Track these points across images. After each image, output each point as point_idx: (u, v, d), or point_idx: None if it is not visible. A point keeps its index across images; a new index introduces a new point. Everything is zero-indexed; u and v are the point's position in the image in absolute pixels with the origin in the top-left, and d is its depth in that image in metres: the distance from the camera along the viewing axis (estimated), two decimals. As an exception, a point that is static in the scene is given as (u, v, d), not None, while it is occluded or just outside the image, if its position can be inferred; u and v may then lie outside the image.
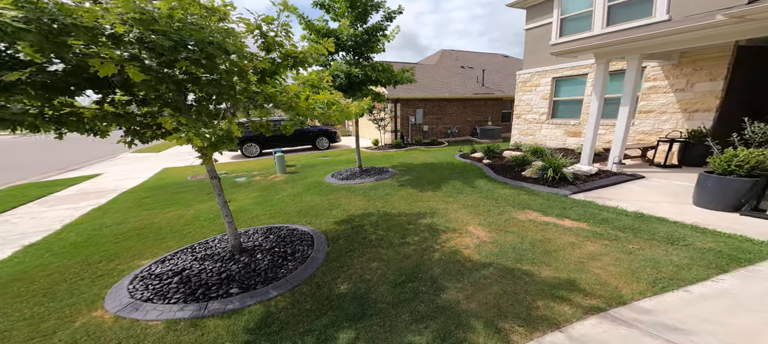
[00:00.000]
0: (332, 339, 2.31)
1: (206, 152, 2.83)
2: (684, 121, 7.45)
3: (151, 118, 2.61)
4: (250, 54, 2.74)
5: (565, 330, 2.20)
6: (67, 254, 3.97)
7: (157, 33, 1.86)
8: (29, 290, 3.13)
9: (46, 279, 3.32)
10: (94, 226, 5.03)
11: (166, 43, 1.85)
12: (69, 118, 2.26)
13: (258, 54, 2.88)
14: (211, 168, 3.36)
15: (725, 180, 4.41)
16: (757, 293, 2.48)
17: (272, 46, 2.86)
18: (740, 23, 4.79)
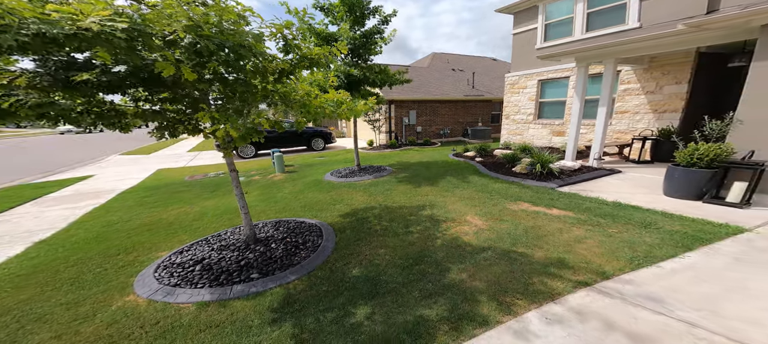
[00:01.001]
0: (350, 314, 2.52)
1: (229, 145, 3.00)
2: (655, 121, 7.99)
3: (183, 114, 2.75)
4: (271, 55, 2.93)
5: (558, 301, 2.48)
6: (83, 248, 4.01)
7: (203, 37, 2.03)
8: (56, 279, 3.21)
9: (70, 270, 3.39)
10: (102, 223, 5.04)
11: (211, 47, 2.03)
12: (108, 113, 2.38)
13: (276, 56, 3.06)
14: (231, 161, 3.51)
15: (689, 171, 4.86)
16: (716, 267, 2.84)
17: (291, 48, 3.04)
18: (698, 32, 5.28)
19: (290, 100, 3.54)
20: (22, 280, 3.26)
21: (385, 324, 2.35)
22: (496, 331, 2.19)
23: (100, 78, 1.91)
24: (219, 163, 11.60)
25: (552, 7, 9.54)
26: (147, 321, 2.47)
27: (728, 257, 2.96)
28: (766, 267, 2.78)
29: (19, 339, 2.36)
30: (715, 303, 2.35)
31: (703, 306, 2.33)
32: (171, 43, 1.99)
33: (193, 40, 1.98)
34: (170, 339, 2.28)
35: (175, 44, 2.02)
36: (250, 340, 2.26)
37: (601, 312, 2.32)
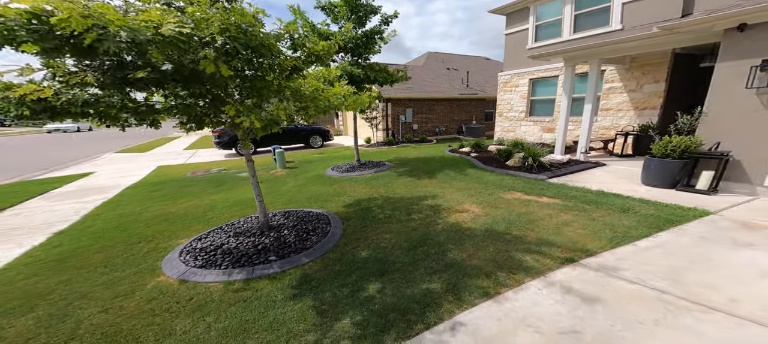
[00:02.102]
0: (363, 289, 2.76)
1: (248, 136, 3.22)
2: (636, 117, 8.41)
3: (209, 108, 2.95)
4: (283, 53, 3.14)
5: (548, 275, 2.77)
6: (105, 237, 4.17)
7: (231, 39, 2.24)
8: (88, 264, 3.38)
9: (98, 256, 3.56)
10: (116, 215, 5.17)
11: (238, 46, 2.24)
12: (142, 109, 2.58)
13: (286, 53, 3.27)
14: (248, 152, 3.71)
15: (664, 162, 5.24)
16: (683, 244, 3.18)
17: (299, 46, 3.25)
18: (671, 35, 5.66)
19: (301, 95, 3.75)
20: (55, 265, 3.42)
21: (395, 297, 2.61)
22: (495, 300, 2.47)
23: (150, 76, 2.11)
24: (218, 160, 11.66)
25: (542, 8, 9.87)
26: (182, 298, 2.68)
27: (694, 236, 3.31)
28: (726, 243, 3.13)
29: (70, 312, 2.55)
30: (681, 274, 2.67)
31: (671, 276, 2.64)
32: (206, 43, 2.20)
33: (224, 41, 2.18)
34: (205, 311, 2.50)
35: (209, 45, 2.23)
36: (276, 312, 2.49)
37: (585, 282, 2.62)
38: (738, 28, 4.84)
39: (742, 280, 2.52)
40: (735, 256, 2.87)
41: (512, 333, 2.09)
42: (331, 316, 2.42)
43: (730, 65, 4.96)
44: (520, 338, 2.04)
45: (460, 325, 2.22)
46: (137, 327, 2.36)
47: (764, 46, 4.58)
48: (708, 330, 1.99)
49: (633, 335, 2.00)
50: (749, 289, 2.40)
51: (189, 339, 2.22)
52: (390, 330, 2.21)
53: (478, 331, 2.14)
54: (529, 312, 2.29)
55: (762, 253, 2.88)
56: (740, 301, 2.25)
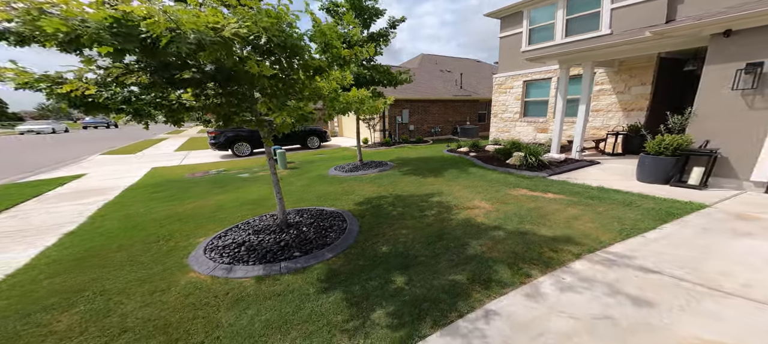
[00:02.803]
0: (390, 281, 2.80)
1: (270, 134, 3.25)
2: (624, 118, 8.75)
3: (238, 106, 2.95)
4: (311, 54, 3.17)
5: (569, 265, 2.86)
6: (120, 237, 4.08)
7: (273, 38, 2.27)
8: (111, 263, 3.32)
9: (118, 255, 3.50)
10: (123, 216, 5.05)
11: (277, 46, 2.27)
12: (176, 107, 2.57)
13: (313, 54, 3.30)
14: (269, 149, 3.72)
15: (658, 159, 5.50)
16: (688, 235, 3.34)
17: (329, 47, 3.29)
18: (662, 39, 5.96)
19: (321, 96, 3.79)
20: (76, 264, 3.35)
21: (424, 288, 2.67)
22: (522, 289, 2.55)
23: (194, 76, 2.13)
24: (215, 162, 11.43)
25: (535, 13, 10.16)
26: (218, 292, 2.68)
27: (697, 227, 3.50)
28: (726, 233, 3.32)
29: (112, 307, 2.55)
30: (693, 263, 2.81)
31: (685, 265, 2.77)
32: (252, 44, 2.23)
33: (267, 40, 2.21)
34: (244, 305, 2.51)
35: (255, 45, 2.27)
36: (311, 304, 2.52)
37: (606, 272, 2.73)
38: (724, 34, 5.14)
39: (750, 267, 2.67)
40: (737, 245, 3.04)
41: (546, 318, 2.17)
42: (365, 307, 2.46)
43: (717, 68, 5.26)
44: (554, 324, 2.12)
45: (492, 313, 2.29)
46: (184, 319, 2.37)
47: (748, 51, 4.88)
48: (730, 314, 2.12)
49: (663, 320, 2.11)
50: (758, 275, 2.55)
51: (237, 331, 2.24)
52: (425, 319, 2.27)
53: (511, 318, 2.21)
54: (557, 300, 2.38)
55: (762, 242, 3.06)
56: (753, 286, 2.39)
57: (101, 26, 1.66)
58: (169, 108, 2.56)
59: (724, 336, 1.93)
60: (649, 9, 7.80)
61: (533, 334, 2.04)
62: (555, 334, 2.03)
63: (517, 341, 2.00)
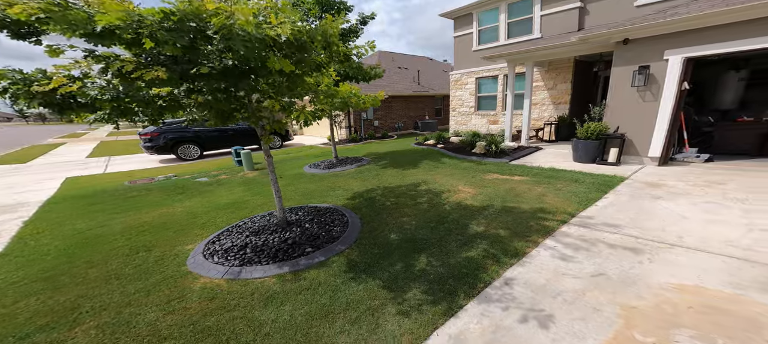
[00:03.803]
0: (411, 265, 2.96)
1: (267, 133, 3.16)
2: (554, 110, 10.26)
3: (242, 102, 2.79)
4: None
5: (555, 234, 3.34)
6: (79, 253, 3.48)
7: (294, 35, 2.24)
8: (88, 279, 2.87)
9: (93, 270, 3.03)
10: (70, 232, 4.26)
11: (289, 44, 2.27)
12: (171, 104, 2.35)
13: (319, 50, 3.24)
14: (267, 148, 3.55)
15: (587, 143, 6.69)
16: (623, 201, 4.12)
17: (331, 44, 3.25)
18: (583, 44, 7.13)
19: (318, 91, 3.73)
20: (41, 287, 2.84)
21: (444, 266, 2.88)
22: (528, 258, 2.92)
23: (212, 71, 1.98)
24: (156, 167, 10.02)
25: (483, 15, 11.16)
26: (243, 294, 2.54)
27: (627, 195, 4.41)
28: (647, 198, 4.17)
29: (131, 318, 2.31)
30: (637, 223, 3.48)
31: (633, 225, 3.42)
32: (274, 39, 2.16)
33: (288, 38, 2.17)
34: (278, 302, 2.44)
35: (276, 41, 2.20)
36: (345, 294, 2.55)
37: (584, 237, 3.24)
38: (624, 42, 6.45)
39: (673, 222, 3.42)
40: (658, 207, 3.90)
41: (556, 281, 2.55)
42: (397, 290, 2.59)
43: (620, 69, 6.57)
44: (564, 283, 2.51)
45: (511, 280, 2.60)
46: (222, 322, 2.24)
47: (640, 56, 6.21)
48: (682, 261, 2.69)
49: (641, 270, 2.59)
50: (682, 227, 3.28)
51: (282, 326, 2.20)
52: (457, 292, 2.49)
53: (529, 283, 2.55)
54: (558, 265, 2.78)
55: (671, 203, 3.97)
56: (684, 237, 3.08)
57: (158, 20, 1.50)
58: (160, 106, 2.32)
59: (686, 279, 2.45)
60: (566, 17, 9.23)
61: (553, 293, 2.40)
62: (570, 292, 2.40)
63: (541, 300, 2.33)
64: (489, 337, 2.02)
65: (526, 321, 2.14)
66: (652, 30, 5.96)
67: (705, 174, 5.14)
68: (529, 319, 2.16)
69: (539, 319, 2.15)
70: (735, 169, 5.47)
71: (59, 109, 2.11)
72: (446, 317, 2.22)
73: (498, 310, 2.26)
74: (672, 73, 5.92)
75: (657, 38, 6.00)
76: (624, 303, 2.26)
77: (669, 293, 2.33)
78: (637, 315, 2.14)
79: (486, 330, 2.09)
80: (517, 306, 2.29)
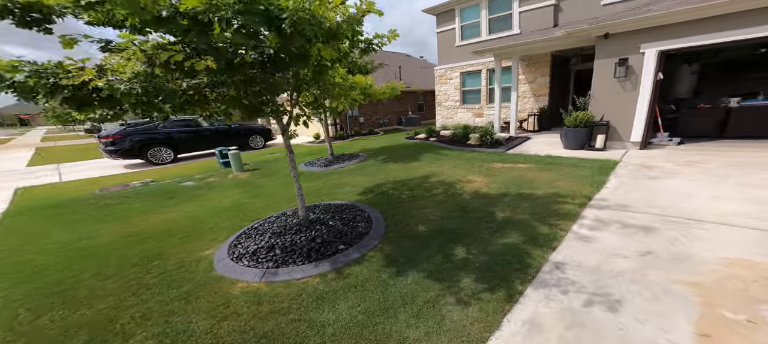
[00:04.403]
0: (451, 255, 2.89)
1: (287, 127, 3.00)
2: (535, 102, 10.73)
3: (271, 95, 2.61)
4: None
5: (584, 217, 3.38)
6: (81, 267, 3.06)
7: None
8: (111, 293, 2.55)
9: (109, 283, 2.67)
10: (55, 246, 3.76)
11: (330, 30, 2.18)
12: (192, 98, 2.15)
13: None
14: (289, 143, 3.34)
15: (576, 130, 7.08)
16: (628, 182, 4.34)
17: (356, 33, 3.11)
18: (566, 38, 7.53)
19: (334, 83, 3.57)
20: (58, 299, 2.57)
21: (486, 254, 2.84)
22: (567, 241, 2.93)
23: (255, 60, 1.84)
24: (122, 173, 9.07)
25: (465, 12, 11.39)
26: (290, 295, 2.40)
27: (628, 177, 4.65)
28: (646, 179, 4.43)
29: (182, 328, 2.15)
30: (651, 201, 3.62)
31: (650, 204, 3.56)
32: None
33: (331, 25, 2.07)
34: (330, 301, 2.30)
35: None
36: (397, 288, 2.44)
37: (612, 218, 3.31)
38: (604, 36, 6.91)
39: (684, 200, 3.57)
40: (661, 186, 4.12)
41: (608, 261, 2.56)
42: (447, 280, 2.51)
43: (603, 62, 7.03)
44: (616, 264, 2.51)
45: (561, 264, 2.58)
46: (281, 325, 2.11)
47: (620, 49, 6.67)
48: (713, 236, 2.77)
49: (683, 247, 2.64)
50: (693, 204, 3.44)
51: (345, 325, 2.09)
52: (509, 278, 2.45)
53: (581, 266, 2.54)
54: (600, 246, 2.78)
55: (672, 182, 4.22)
56: (701, 213, 3.22)
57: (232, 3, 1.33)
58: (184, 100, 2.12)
59: (730, 253, 2.47)
60: (542, 14, 9.70)
61: (610, 275, 2.37)
62: (628, 272, 2.38)
63: (603, 282, 2.30)
64: (568, 321, 1.99)
65: (596, 304, 2.09)
66: (629, 26, 6.42)
67: (685, 155, 5.65)
68: (599, 302, 2.11)
69: (609, 302, 2.11)
70: (707, 149, 6.06)
71: (79, 105, 1.82)
72: (510, 303, 2.19)
73: (560, 294, 2.24)
74: (648, 65, 6.41)
75: (634, 33, 6.47)
76: (687, 280, 2.24)
77: (725, 268, 2.33)
78: (711, 292, 2.10)
79: (560, 314, 2.05)
80: (579, 290, 2.26)
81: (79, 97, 1.77)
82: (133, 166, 10.31)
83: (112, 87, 1.78)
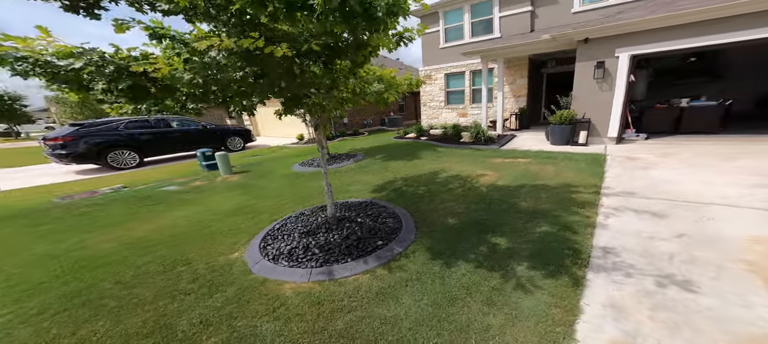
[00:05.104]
0: (495, 245, 2.90)
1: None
2: (515, 103, 11.39)
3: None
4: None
5: (602, 204, 3.60)
6: (94, 277, 2.68)
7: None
8: (148, 296, 2.29)
9: (137, 290, 2.37)
10: (43, 258, 3.24)
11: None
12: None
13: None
14: (322, 138, 3.21)
15: (562, 127, 7.64)
16: (624, 172, 4.71)
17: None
18: (552, 41, 8.17)
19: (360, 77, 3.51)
20: (89, 311, 2.27)
21: (528, 243, 2.88)
22: (599, 227, 3.06)
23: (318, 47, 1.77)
24: (77, 181, 8.10)
25: (448, 15, 11.77)
26: (345, 293, 2.34)
27: (621, 167, 5.01)
28: (638, 169, 4.84)
29: (254, 331, 2.01)
30: (656, 188, 3.95)
31: (655, 190, 3.88)
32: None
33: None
34: (392, 297, 2.25)
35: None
36: (454, 279, 2.43)
37: (624, 203, 3.58)
38: (584, 41, 7.59)
39: (681, 185, 3.92)
40: (654, 175, 4.49)
41: (650, 244, 2.67)
42: (502, 269, 2.53)
43: (583, 64, 7.69)
44: (660, 247, 2.65)
45: (609, 249, 2.66)
46: (352, 323, 2.04)
47: (598, 53, 7.34)
48: (726, 216, 3.04)
49: (707, 228, 2.85)
50: (691, 188, 3.81)
51: (420, 318, 2.07)
52: (565, 264, 2.50)
53: (627, 249, 2.63)
54: (635, 229, 2.94)
55: (660, 171, 4.63)
56: (703, 196, 3.54)
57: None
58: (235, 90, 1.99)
59: (751, 231, 2.68)
60: (521, 19, 10.36)
61: (662, 257, 2.50)
62: (676, 254, 2.52)
63: (659, 264, 2.41)
64: (649, 303, 2.03)
65: (668, 286, 2.16)
66: (606, 31, 7.07)
67: (657, 148, 6.34)
68: (669, 284, 2.18)
69: (679, 283, 2.18)
70: (672, 143, 6.85)
71: (134, 96, 1.61)
72: (577, 288, 2.23)
73: (624, 277, 2.30)
74: (622, 67, 7.11)
75: (610, 38, 7.14)
76: (736, 258, 2.35)
77: (757, 245, 2.47)
78: (761, 268, 2.20)
79: (637, 297, 2.09)
80: (641, 273, 2.33)
81: (141, 86, 1.57)
82: (87, 171, 9.16)
83: (174, 76, 1.59)
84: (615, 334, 1.84)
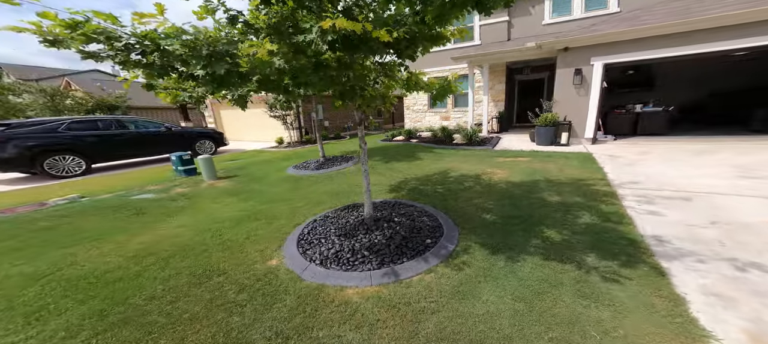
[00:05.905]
0: (547, 239, 2.89)
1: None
2: (495, 107, 12.08)
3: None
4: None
5: (622, 196, 3.80)
6: (112, 295, 2.18)
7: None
8: (195, 311, 1.93)
9: (185, 303, 1.96)
10: (34, 277, 2.51)
11: None
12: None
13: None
14: (363, 133, 3.05)
15: (547, 129, 8.19)
16: (619, 168, 5.13)
17: None
18: (532, 49, 8.86)
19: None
20: (137, 331, 1.67)
21: (578, 234, 2.92)
22: (641, 218, 3.19)
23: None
24: (12, 191, 6.83)
25: (431, 21, 12.14)
26: (417, 294, 2.23)
27: (612, 163, 5.51)
28: (628, 165, 5.31)
29: (343, 340, 1.82)
30: (656, 180, 4.30)
31: (658, 182, 4.23)
32: None
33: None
34: (472, 294, 2.18)
35: None
36: (528, 274, 2.40)
37: (641, 194, 3.87)
38: (564, 49, 8.30)
39: (675, 178, 4.32)
40: (646, 169, 4.95)
41: (693, 232, 2.83)
42: (571, 262, 2.51)
43: (564, 71, 8.39)
44: (703, 233, 2.81)
45: (660, 238, 2.77)
46: (442, 323, 1.94)
47: (576, 61, 8.07)
48: (732, 204, 3.30)
49: (726, 214, 3.09)
50: (685, 181, 4.20)
51: (513, 312, 2.02)
52: (631, 254, 2.53)
53: (679, 237, 2.76)
54: (669, 218, 3.11)
55: (647, 165, 5.13)
56: (701, 187, 3.95)
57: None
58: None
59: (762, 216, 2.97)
60: (499, 29, 11.05)
61: (716, 243, 2.61)
62: (725, 239, 2.65)
63: (718, 249, 2.51)
64: (745, 289, 2.06)
65: (747, 270, 2.21)
66: (583, 42, 7.80)
67: (630, 147, 7.07)
68: (745, 268, 2.25)
69: (757, 266, 2.25)
70: (639, 143, 7.68)
71: (219, 82, 1.36)
72: (661, 277, 2.25)
73: (698, 264, 2.36)
74: (597, 75, 7.88)
75: (586, 48, 7.88)
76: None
77: None
78: None
79: (724, 283, 2.12)
80: (712, 260, 2.39)
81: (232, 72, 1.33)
82: (16, 181, 7.72)
83: (263, 62, 1.39)
84: (740, 323, 1.81)
